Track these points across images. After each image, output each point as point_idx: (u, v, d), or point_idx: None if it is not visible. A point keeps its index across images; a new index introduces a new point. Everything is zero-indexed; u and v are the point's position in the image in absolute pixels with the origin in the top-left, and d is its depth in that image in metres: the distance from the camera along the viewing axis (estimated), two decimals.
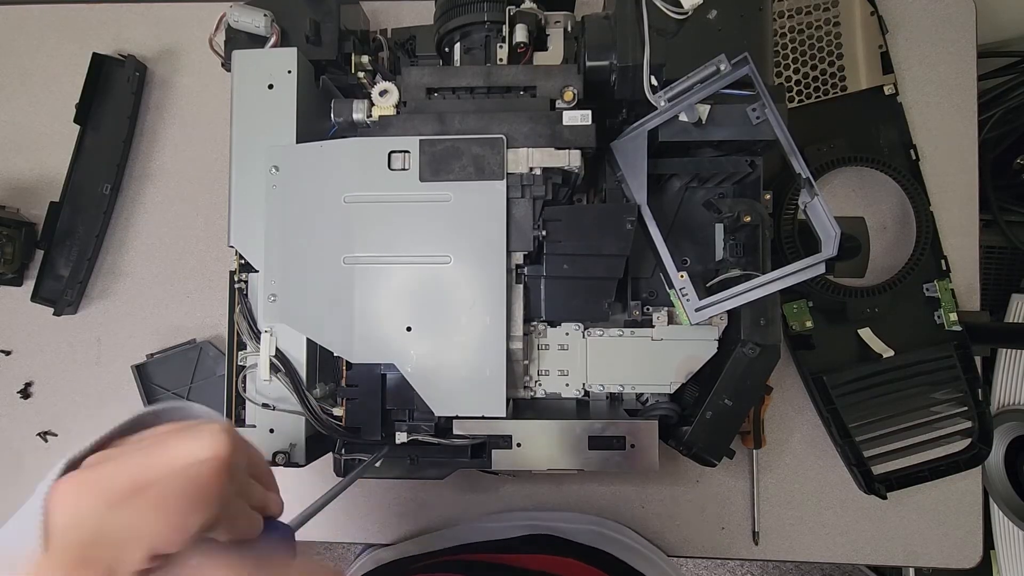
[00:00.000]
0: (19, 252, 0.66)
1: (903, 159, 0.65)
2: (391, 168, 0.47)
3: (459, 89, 0.49)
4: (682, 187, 0.52)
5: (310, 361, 0.49)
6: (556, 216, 0.47)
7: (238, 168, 0.49)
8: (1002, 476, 0.78)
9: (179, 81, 0.70)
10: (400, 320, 0.46)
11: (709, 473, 0.63)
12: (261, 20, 0.51)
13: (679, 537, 0.63)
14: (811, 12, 0.65)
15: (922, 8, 0.67)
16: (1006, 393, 0.78)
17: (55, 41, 0.70)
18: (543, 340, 0.51)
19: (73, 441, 0.65)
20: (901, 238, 0.65)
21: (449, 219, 0.46)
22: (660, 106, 0.46)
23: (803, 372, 0.63)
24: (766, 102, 0.45)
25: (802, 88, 0.65)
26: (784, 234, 0.59)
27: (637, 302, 0.51)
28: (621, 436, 0.47)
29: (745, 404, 0.50)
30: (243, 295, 0.50)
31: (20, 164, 0.69)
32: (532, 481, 0.64)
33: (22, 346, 0.68)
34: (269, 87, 0.49)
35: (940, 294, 0.61)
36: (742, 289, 0.46)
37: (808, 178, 0.45)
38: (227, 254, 0.64)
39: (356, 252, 0.46)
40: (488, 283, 0.46)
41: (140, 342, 0.67)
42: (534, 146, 0.46)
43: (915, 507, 0.63)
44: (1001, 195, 0.83)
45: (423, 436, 0.48)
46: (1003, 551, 0.83)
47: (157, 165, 0.69)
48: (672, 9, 0.46)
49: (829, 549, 0.63)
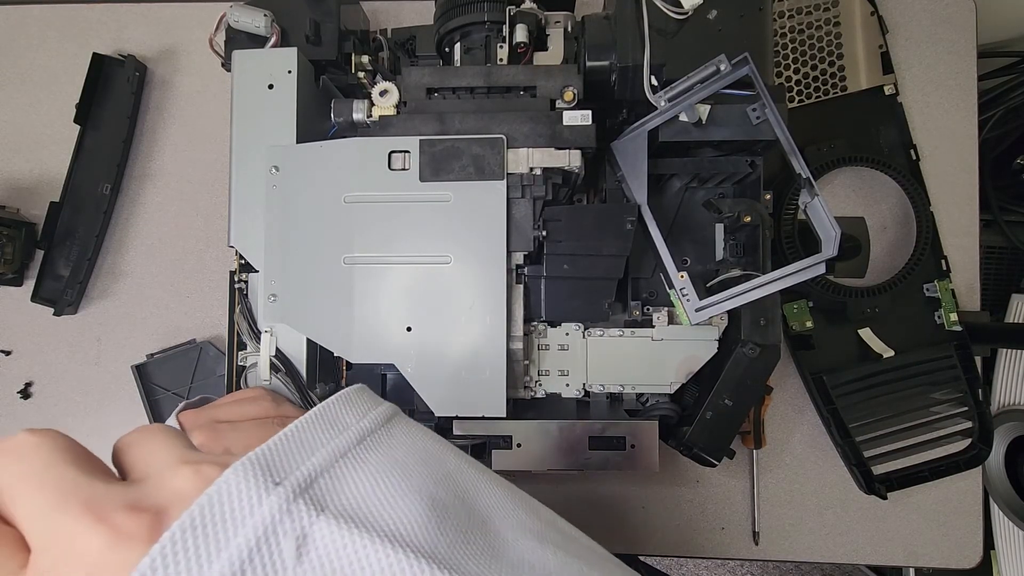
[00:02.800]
0: (19, 252, 0.66)
1: (903, 159, 0.65)
2: (391, 168, 0.46)
3: (459, 89, 0.49)
4: (682, 187, 0.52)
5: (310, 361, 0.49)
6: (556, 216, 0.47)
7: (238, 168, 0.49)
8: (1002, 476, 0.78)
9: (179, 81, 0.70)
10: (400, 320, 0.46)
11: (709, 473, 0.63)
12: (261, 20, 0.51)
13: (679, 537, 0.63)
14: (811, 12, 0.65)
15: (922, 8, 0.67)
16: (1006, 393, 0.78)
17: (55, 41, 0.70)
18: (543, 340, 0.51)
19: None
20: (901, 238, 0.65)
21: (449, 219, 0.46)
22: (660, 106, 0.46)
23: (803, 372, 0.63)
24: (766, 102, 0.45)
25: (802, 88, 0.65)
26: (784, 234, 0.59)
27: (637, 302, 0.51)
28: (621, 436, 0.47)
29: (745, 404, 0.50)
30: (243, 295, 0.50)
31: (20, 164, 0.69)
32: (532, 481, 0.64)
33: (22, 346, 0.68)
34: (269, 87, 0.49)
35: (940, 294, 0.61)
36: (742, 289, 0.46)
37: (808, 178, 0.45)
38: (227, 254, 0.64)
39: (356, 252, 0.46)
40: (488, 283, 0.46)
41: (140, 342, 0.67)
42: (534, 146, 0.46)
43: (915, 507, 0.63)
44: (1001, 195, 0.83)
45: None
46: (1003, 551, 0.83)
47: (157, 165, 0.69)
48: (672, 9, 0.46)
49: (829, 549, 0.63)
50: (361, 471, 0.22)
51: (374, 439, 0.24)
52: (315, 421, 0.23)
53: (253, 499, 0.19)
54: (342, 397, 0.26)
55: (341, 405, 0.25)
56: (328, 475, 0.21)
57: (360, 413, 0.25)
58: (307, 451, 0.22)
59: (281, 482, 0.19)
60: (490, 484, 0.26)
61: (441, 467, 0.25)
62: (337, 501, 0.20)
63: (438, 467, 0.25)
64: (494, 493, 0.26)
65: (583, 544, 0.28)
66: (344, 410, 0.25)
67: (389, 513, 0.20)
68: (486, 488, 0.26)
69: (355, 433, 0.24)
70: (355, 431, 0.24)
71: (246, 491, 0.19)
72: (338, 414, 0.25)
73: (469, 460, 0.28)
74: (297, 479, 0.20)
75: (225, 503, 0.18)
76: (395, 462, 0.23)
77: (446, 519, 0.22)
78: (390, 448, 0.24)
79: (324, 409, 0.24)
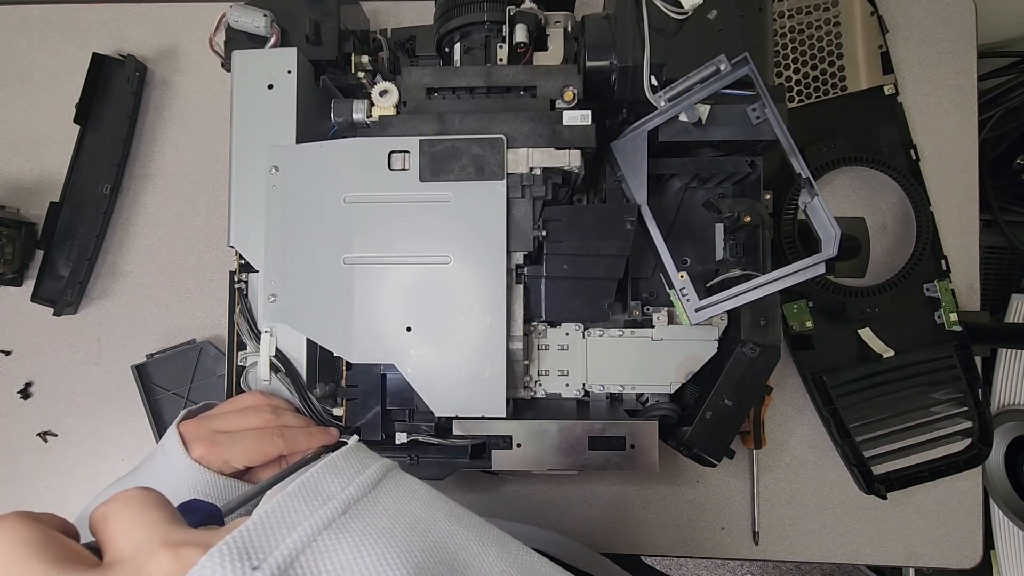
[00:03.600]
0: (19, 252, 0.66)
1: (903, 159, 0.65)
2: (391, 168, 0.46)
3: (459, 89, 0.49)
4: (682, 187, 0.52)
5: (310, 361, 0.49)
6: (556, 216, 0.47)
7: (238, 168, 0.49)
8: (1002, 476, 0.78)
9: (179, 81, 0.70)
10: (400, 320, 0.46)
11: (709, 473, 0.63)
12: (261, 20, 0.51)
13: (679, 537, 0.63)
14: (811, 12, 0.65)
15: (922, 8, 0.67)
16: (1006, 393, 0.78)
17: (55, 41, 0.70)
18: (543, 340, 0.51)
19: (73, 441, 0.66)
20: (901, 238, 0.65)
21: (449, 219, 0.46)
22: (660, 106, 0.46)
23: (803, 372, 0.63)
24: (766, 102, 0.45)
25: (802, 88, 0.65)
26: (784, 234, 0.59)
27: (637, 302, 0.51)
28: (621, 436, 0.47)
29: (745, 404, 0.50)
30: (243, 295, 0.50)
31: (20, 164, 0.69)
32: (532, 481, 0.64)
33: (22, 346, 0.68)
34: (269, 87, 0.49)
35: (940, 294, 0.61)
36: (742, 289, 0.45)
37: (808, 178, 0.45)
38: (227, 254, 0.64)
39: (356, 252, 0.46)
40: (488, 283, 0.46)
41: (140, 342, 0.67)
42: (534, 146, 0.46)
43: (915, 507, 0.63)
44: (1001, 195, 0.83)
45: (423, 436, 0.48)
46: (1003, 551, 0.83)
47: (157, 165, 0.69)
48: (672, 9, 0.46)
49: (829, 549, 0.63)
50: (343, 544, 0.21)
51: (360, 507, 0.24)
52: (298, 494, 0.23)
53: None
54: (329, 464, 0.26)
55: (326, 473, 0.25)
56: (309, 551, 0.21)
57: (346, 480, 0.25)
58: (288, 527, 0.21)
59: (259, 566, 0.19)
60: (481, 543, 0.26)
61: (428, 534, 0.24)
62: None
63: (425, 532, 0.24)
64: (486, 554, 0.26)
65: None
66: (329, 479, 0.25)
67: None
68: (477, 549, 0.25)
69: (339, 503, 0.23)
70: (340, 501, 0.23)
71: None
72: (322, 484, 0.24)
73: (461, 516, 0.27)
74: (276, 561, 0.19)
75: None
76: (379, 530, 0.23)
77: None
78: (376, 515, 0.24)
79: (308, 480, 0.24)
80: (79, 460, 0.66)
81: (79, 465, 0.66)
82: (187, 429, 0.41)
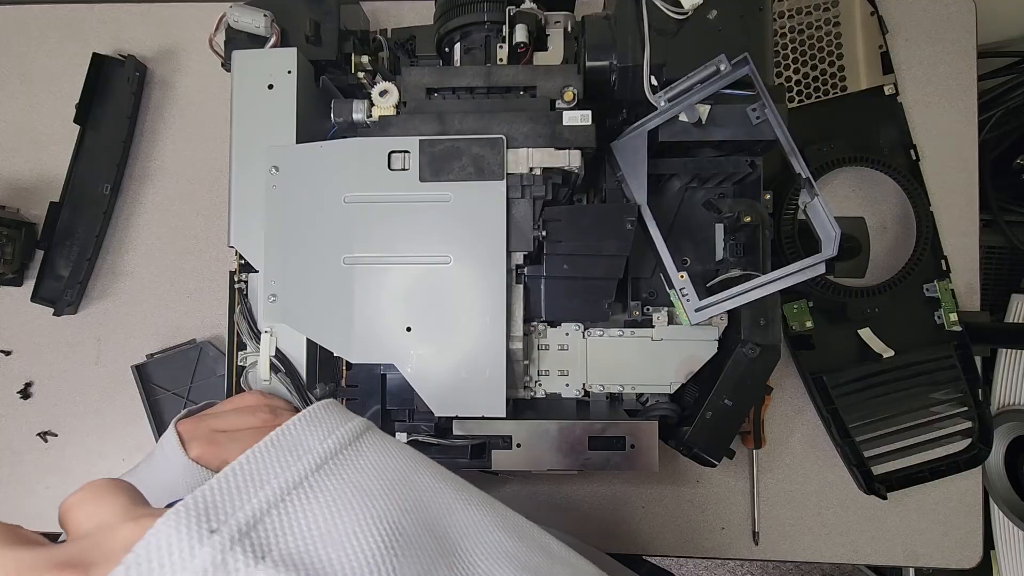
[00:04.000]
0: (19, 252, 0.66)
1: (903, 159, 0.65)
2: (391, 168, 0.46)
3: (459, 89, 0.49)
4: (682, 187, 0.52)
5: (310, 361, 0.49)
6: (556, 216, 0.47)
7: (238, 168, 0.49)
8: (1002, 476, 0.78)
9: (179, 81, 0.70)
10: (400, 320, 0.46)
11: (709, 473, 0.63)
12: (261, 20, 0.51)
13: (679, 537, 0.63)
14: (811, 12, 0.65)
15: (922, 8, 0.67)
16: (1006, 393, 0.78)
17: (55, 41, 0.70)
18: (543, 340, 0.51)
19: (73, 441, 0.66)
20: (901, 238, 0.65)
21: (449, 219, 0.46)
22: (660, 106, 0.46)
23: (803, 372, 0.63)
24: (766, 102, 0.45)
25: (802, 88, 0.65)
26: (784, 234, 0.59)
27: (637, 302, 0.51)
28: (621, 436, 0.47)
29: (745, 404, 0.50)
30: (243, 295, 0.50)
31: (20, 164, 0.69)
32: (532, 481, 0.64)
33: (22, 346, 0.68)
34: (269, 87, 0.49)
35: (940, 294, 0.61)
36: (742, 289, 0.46)
37: (808, 178, 0.45)
38: (227, 254, 0.64)
39: (356, 252, 0.46)
40: (488, 283, 0.46)
41: (140, 342, 0.67)
42: (534, 146, 0.46)
43: (915, 507, 0.63)
44: (1001, 195, 0.83)
45: (423, 436, 0.48)
46: (1003, 551, 0.83)
47: (157, 165, 0.69)
48: (672, 9, 0.46)
49: (829, 549, 0.63)
50: (315, 503, 0.20)
51: (336, 462, 0.22)
52: (270, 447, 0.22)
53: (185, 551, 0.17)
54: (306, 416, 0.24)
55: (304, 426, 0.23)
56: (276, 512, 0.19)
57: (325, 432, 0.23)
58: (256, 485, 0.20)
59: (218, 529, 0.18)
60: (467, 504, 0.25)
61: (410, 491, 0.23)
62: (281, 545, 0.18)
63: (407, 491, 0.23)
64: (471, 515, 0.24)
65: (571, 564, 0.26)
66: (306, 431, 0.23)
67: (339, 555, 0.19)
68: (462, 509, 0.24)
69: (315, 457, 0.22)
70: (316, 454, 0.22)
71: (177, 543, 0.17)
72: (298, 437, 0.23)
73: (447, 477, 0.26)
74: (237, 523, 0.18)
75: (154, 558, 0.17)
76: (357, 488, 0.22)
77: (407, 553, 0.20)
78: (354, 472, 0.22)
79: (283, 432, 0.23)
80: (79, 460, 0.66)
81: (79, 465, 0.66)
82: (185, 428, 0.41)
